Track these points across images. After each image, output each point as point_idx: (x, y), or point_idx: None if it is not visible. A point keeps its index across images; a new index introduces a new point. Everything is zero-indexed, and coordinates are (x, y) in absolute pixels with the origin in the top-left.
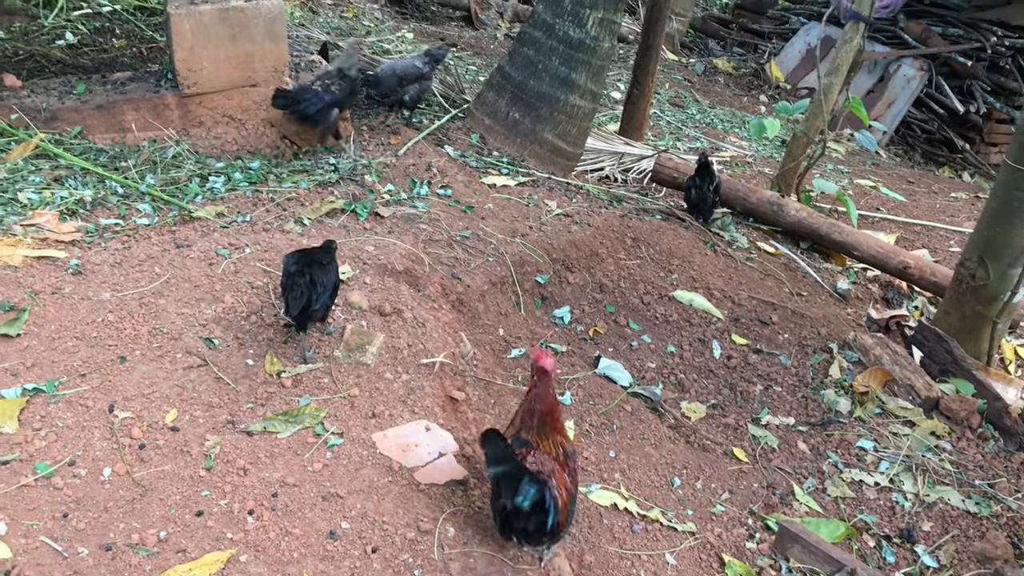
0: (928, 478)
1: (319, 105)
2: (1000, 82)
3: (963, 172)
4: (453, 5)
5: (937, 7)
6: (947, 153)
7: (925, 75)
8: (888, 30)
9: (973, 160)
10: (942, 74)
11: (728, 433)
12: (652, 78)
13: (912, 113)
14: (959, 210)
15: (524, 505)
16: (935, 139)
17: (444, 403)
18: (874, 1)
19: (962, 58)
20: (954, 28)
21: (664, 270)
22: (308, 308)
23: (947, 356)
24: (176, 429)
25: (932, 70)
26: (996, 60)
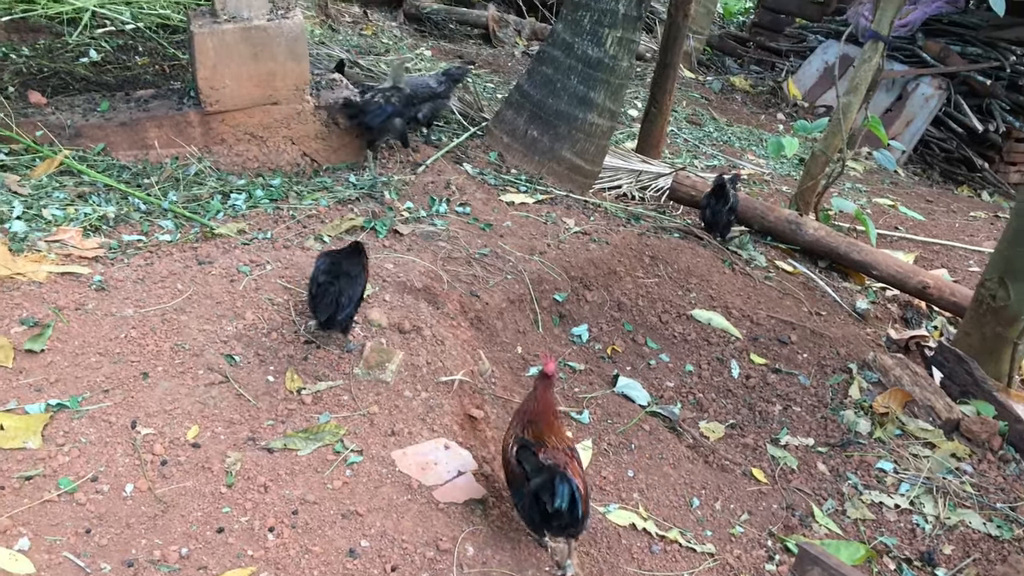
0: (949, 500)
1: (383, 116)
2: (1019, 101)
3: (982, 191)
4: (471, 23)
5: (955, 26)
6: (966, 172)
7: (944, 94)
8: (906, 49)
9: (992, 179)
10: (961, 93)
11: (747, 453)
12: (670, 96)
13: (930, 132)
14: (978, 229)
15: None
16: (954, 158)
17: (463, 421)
18: (893, 20)
19: (981, 77)
20: (973, 47)
21: (682, 288)
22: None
23: (967, 377)
24: (198, 445)
25: (951, 89)
26: (1015, 79)
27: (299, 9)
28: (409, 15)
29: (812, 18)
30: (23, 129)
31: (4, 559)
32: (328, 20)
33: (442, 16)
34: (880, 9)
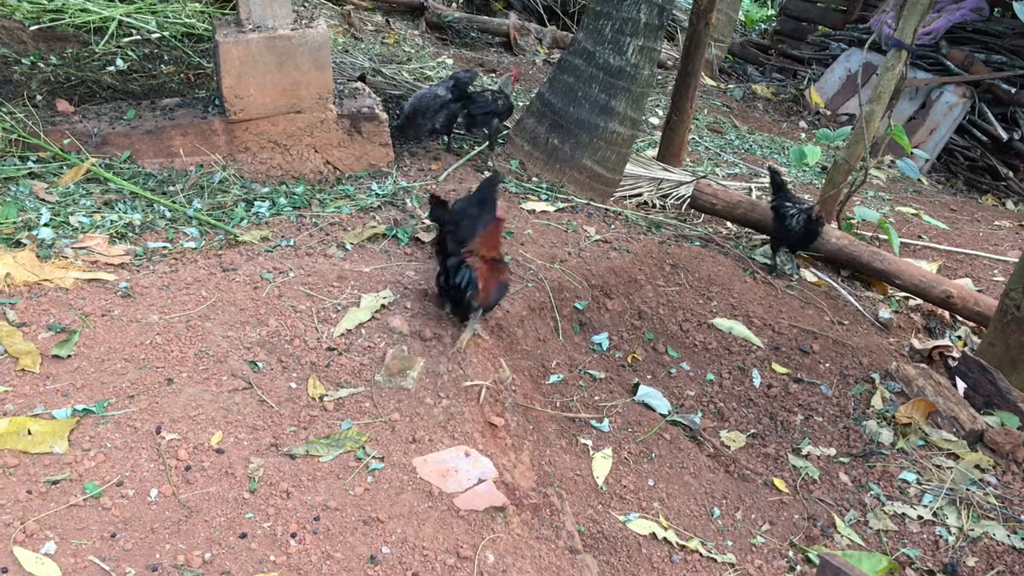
0: (972, 512)
1: (486, 109)
2: None
3: (1007, 200)
4: (492, 31)
5: (980, 34)
6: (990, 181)
7: (968, 102)
8: (930, 57)
9: (1017, 188)
10: (985, 101)
11: (768, 463)
12: (691, 104)
13: (954, 140)
14: (1003, 239)
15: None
16: (978, 166)
17: (483, 429)
18: (917, 29)
19: (1006, 85)
20: (997, 55)
21: (703, 297)
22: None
23: (991, 388)
24: (221, 451)
25: (975, 97)
26: None
27: (323, 19)
28: (431, 23)
29: (834, 26)
30: (51, 137)
31: (31, 563)
32: (351, 29)
33: (464, 24)
34: (904, 17)
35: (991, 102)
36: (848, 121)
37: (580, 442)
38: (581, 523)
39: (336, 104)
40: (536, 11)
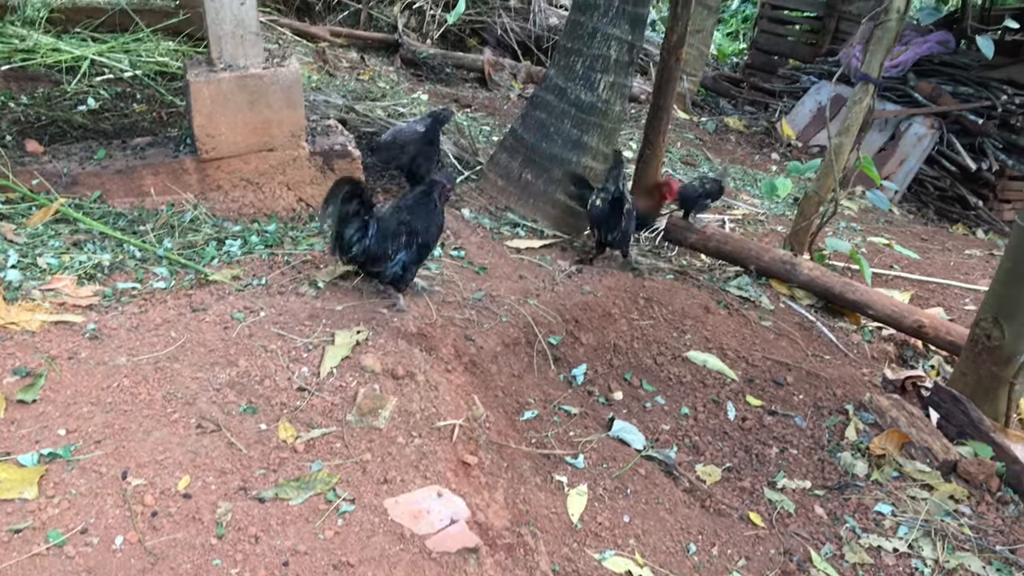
0: (948, 543)
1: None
2: (1012, 139)
3: (977, 229)
4: (467, 67)
5: (946, 66)
6: (960, 210)
7: (936, 133)
8: (899, 89)
9: (987, 217)
10: (953, 132)
11: (744, 497)
12: (663, 138)
13: (924, 170)
14: (973, 268)
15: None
16: (948, 196)
17: (456, 467)
18: (883, 62)
19: (973, 116)
20: (964, 86)
21: (677, 330)
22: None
23: (964, 418)
24: (188, 496)
25: (943, 128)
26: (1007, 117)
27: (295, 57)
28: (406, 60)
29: (804, 59)
30: (20, 178)
31: None
32: (326, 66)
33: (439, 60)
34: (870, 52)
35: (959, 133)
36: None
37: (555, 479)
38: (556, 562)
39: (309, 142)
40: (510, 47)
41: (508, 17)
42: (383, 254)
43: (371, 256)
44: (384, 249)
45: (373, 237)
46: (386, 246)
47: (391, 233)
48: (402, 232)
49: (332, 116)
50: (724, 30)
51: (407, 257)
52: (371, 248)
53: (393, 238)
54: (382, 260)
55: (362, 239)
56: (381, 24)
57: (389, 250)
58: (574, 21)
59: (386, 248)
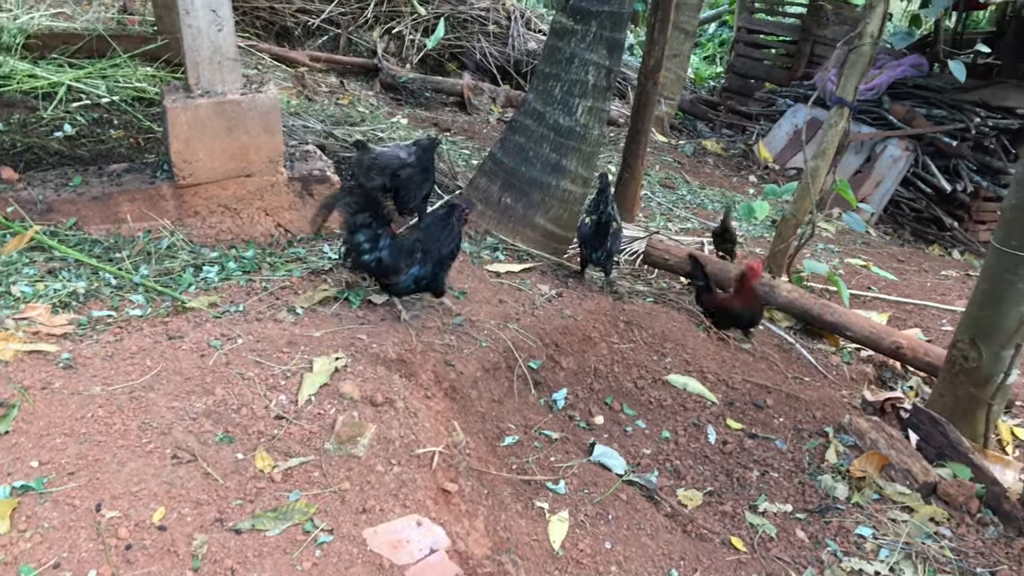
0: (928, 566)
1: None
2: (985, 161)
3: (952, 250)
4: (447, 91)
5: (920, 89)
6: (936, 231)
7: (911, 155)
8: (874, 111)
9: (962, 238)
10: (928, 154)
11: (725, 521)
12: (642, 161)
13: (900, 192)
14: (950, 288)
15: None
16: (924, 217)
17: (436, 495)
18: (858, 86)
19: (947, 138)
20: (938, 109)
21: (657, 354)
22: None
23: (943, 439)
24: (163, 528)
25: (918, 150)
26: (980, 140)
27: (273, 83)
28: (385, 84)
29: (780, 82)
30: None
31: None
32: (305, 91)
33: (418, 85)
34: (844, 75)
35: (934, 155)
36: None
37: (536, 505)
38: None
39: (287, 167)
40: (489, 71)
41: (487, 42)
42: (396, 267)
43: (384, 268)
44: (397, 263)
45: (386, 249)
46: (399, 260)
47: (406, 249)
48: (417, 249)
49: (311, 141)
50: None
51: (419, 272)
52: (384, 260)
53: (408, 254)
54: (395, 273)
55: (373, 249)
56: (360, 49)
57: (402, 264)
58: (552, 46)
59: (399, 262)
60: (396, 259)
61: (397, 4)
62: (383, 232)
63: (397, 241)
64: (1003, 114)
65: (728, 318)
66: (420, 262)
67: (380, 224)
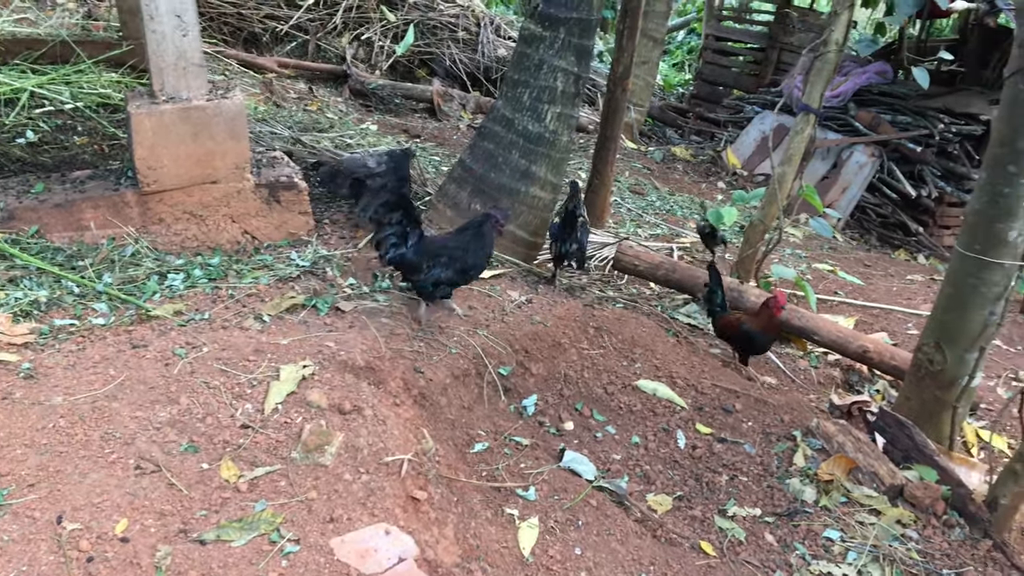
0: (896, 568)
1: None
2: (950, 167)
3: (918, 254)
4: (416, 97)
5: (885, 96)
6: (902, 236)
7: (877, 161)
8: (840, 118)
9: (927, 243)
10: (893, 160)
11: (695, 526)
12: (611, 167)
13: (866, 197)
14: (916, 292)
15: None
16: (889, 223)
17: (405, 504)
18: (824, 93)
19: (912, 144)
20: (903, 115)
21: (627, 359)
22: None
23: (909, 442)
24: (126, 540)
25: (883, 156)
26: (944, 146)
27: (239, 88)
28: (355, 90)
29: (748, 89)
30: None
31: None
32: (273, 97)
33: (388, 91)
34: (810, 83)
35: (899, 161)
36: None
37: (506, 512)
38: None
39: (254, 173)
40: (459, 77)
41: (457, 48)
42: (418, 266)
43: (407, 264)
44: (420, 262)
45: (412, 248)
46: (422, 260)
47: (432, 251)
48: (443, 253)
49: (278, 147)
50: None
51: (440, 275)
52: (408, 257)
53: (433, 256)
54: (416, 271)
55: (399, 246)
56: (329, 55)
57: (424, 265)
58: (521, 53)
59: (421, 262)
60: (419, 258)
61: (366, 10)
62: (411, 231)
63: (425, 242)
64: (966, 120)
65: (745, 341)
66: (444, 265)
67: (410, 223)
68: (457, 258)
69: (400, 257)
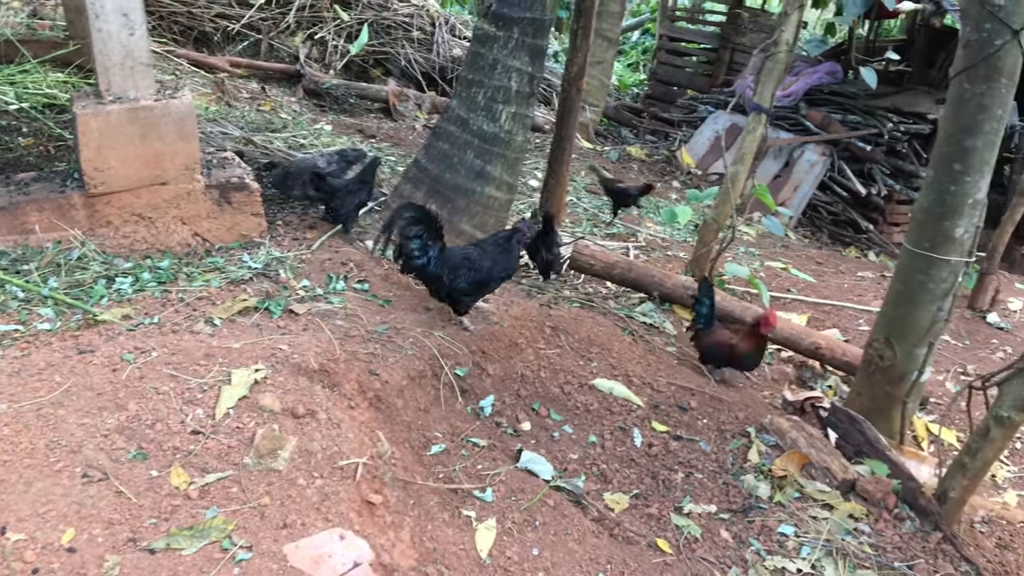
0: (849, 562)
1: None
2: (898, 165)
3: (868, 251)
4: (372, 97)
5: (836, 96)
6: (852, 234)
7: (828, 160)
8: (791, 118)
9: (877, 240)
10: (844, 158)
11: (651, 524)
12: (567, 167)
13: (818, 196)
14: (866, 289)
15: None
16: (840, 220)
17: (360, 507)
18: (775, 93)
19: (862, 143)
20: (852, 115)
21: (584, 358)
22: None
23: (860, 437)
24: (73, 550)
25: (834, 155)
26: (893, 145)
27: (188, 88)
28: (308, 90)
29: (701, 89)
30: None
31: None
32: (224, 97)
33: (342, 91)
34: (761, 83)
35: (849, 159)
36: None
37: (463, 514)
38: None
39: (204, 174)
40: (415, 77)
41: (412, 48)
42: (438, 276)
43: (427, 275)
44: (440, 274)
45: (433, 260)
46: (443, 271)
47: (454, 263)
48: (464, 265)
49: (229, 148)
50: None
51: (461, 285)
52: (429, 269)
53: (453, 268)
54: (437, 282)
55: (421, 256)
56: (282, 55)
57: (444, 276)
58: (475, 53)
59: (442, 273)
60: (440, 269)
61: (319, 9)
62: (432, 243)
63: (446, 253)
64: (914, 119)
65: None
66: (464, 277)
67: (432, 236)
68: (479, 269)
69: (422, 267)
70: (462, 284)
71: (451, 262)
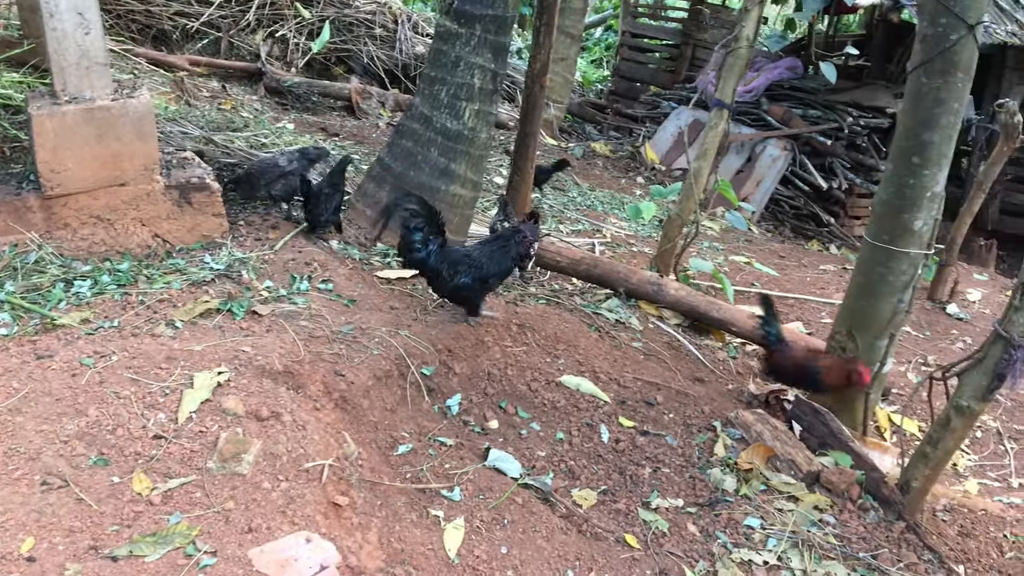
0: (814, 553)
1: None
2: (859, 159)
3: (830, 245)
4: (334, 95)
5: (796, 91)
6: (814, 227)
7: (789, 154)
8: (753, 113)
9: (839, 233)
10: (805, 153)
11: (619, 519)
12: (531, 164)
13: (780, 190)
14: (828, 282)
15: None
16: (802, 214)
17: (327, 510)
18: (736, 89)
19: (822, 137)
20: (813, 110)
21: (550, 356)
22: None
23: (824, 429)
24: (33, 559)
25: (795, 149)
26: (853, 139)
27: (146, 88)
28: (270, 88)
29: (664, 85)
30: None
31: None
32: (184, 96)
33: (304, 89)
34: (723, 78)
35: (810, 154)
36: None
37: (431, 514)
38: None
39: (163, 175)
40: (378, 75)
41: (374, 45)
42: (437, 271)
43: (428, 269)
44: (440, 269)
45: (433, 254)
46: (442, 267)
47: (454, 260)
48: (464, 262)
49: (189, 148)
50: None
51: (461, 282)
52: (429, 263)
53: (453, 264)
54: (436, 277)
55: (420, 251)
56: (243, 53)
57: (444, 272)
58: (437, 50)
59: (441, 269)
60: (439, 264)
61: (280, 7)
62: (433, 238)
63: (446, 250)
64: (874, 113)
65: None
66: (464, 273)
67: (433, 231)
68: (478, 266)
69: (422, 261)
70: (464, 280)
71: (451, 258)
